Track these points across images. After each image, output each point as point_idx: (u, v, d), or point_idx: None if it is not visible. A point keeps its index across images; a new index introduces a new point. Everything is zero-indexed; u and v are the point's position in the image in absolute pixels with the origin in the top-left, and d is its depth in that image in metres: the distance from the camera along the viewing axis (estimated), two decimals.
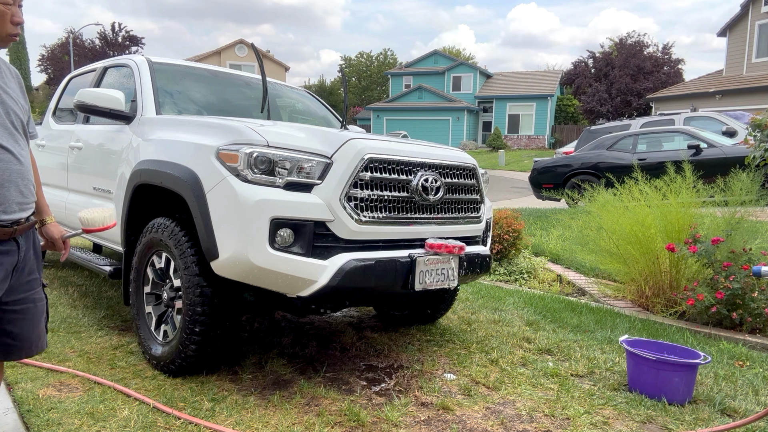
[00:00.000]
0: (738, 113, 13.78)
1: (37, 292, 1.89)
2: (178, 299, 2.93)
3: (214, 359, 2.95)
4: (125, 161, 3.39)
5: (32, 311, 1.87)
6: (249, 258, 2.53)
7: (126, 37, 45.36)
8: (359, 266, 2.64)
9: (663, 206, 4.82)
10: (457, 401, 2.78)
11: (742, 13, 22.86)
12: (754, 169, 5.81)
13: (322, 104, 5.05)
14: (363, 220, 2.70)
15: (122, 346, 3.37)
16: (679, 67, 36.26)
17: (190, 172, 2.76)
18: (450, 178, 3.14)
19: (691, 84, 25.49)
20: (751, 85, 21.04)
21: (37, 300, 1.89)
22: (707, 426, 2.63)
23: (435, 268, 2.92)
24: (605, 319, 4.36)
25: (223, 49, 45.25)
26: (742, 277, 4.01)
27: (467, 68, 41.05)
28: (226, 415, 2.53)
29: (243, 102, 4.21)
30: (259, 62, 3.76)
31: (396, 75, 43.96)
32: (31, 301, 1.86)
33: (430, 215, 3.01)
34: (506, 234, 6.02)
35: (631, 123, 13.33)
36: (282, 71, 46.80)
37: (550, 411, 2.71)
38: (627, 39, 37.29)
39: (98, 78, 4.36)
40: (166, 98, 3.73)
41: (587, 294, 5.43)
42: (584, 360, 3.44)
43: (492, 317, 4.31)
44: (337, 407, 2.65)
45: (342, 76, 4.44)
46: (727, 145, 9.41)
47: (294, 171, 2.64)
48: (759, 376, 3.27)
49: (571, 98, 40.52)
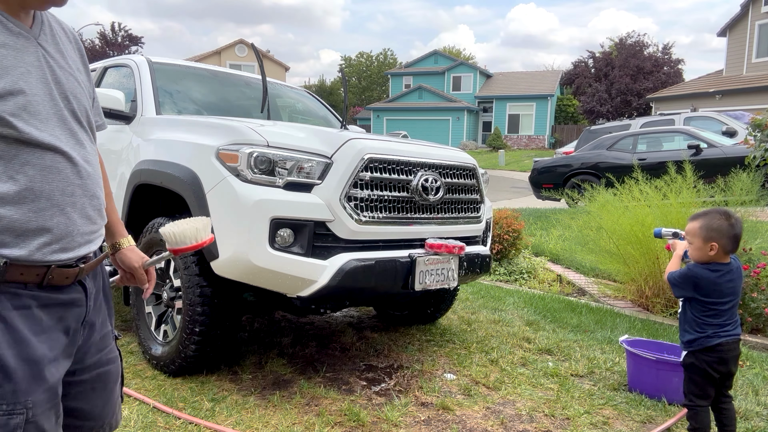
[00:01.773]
0: (738, 113, 13.77)
1: (111, 350, 1.38)
2: (178, 299, 2.93)
3: (214, 359, 2.95)
4: (125, 161, 3.39)
5: (105, 378, 1.35)
6: (249, 258, 2.53)
7: (126, 37, 45.38)
8: (359, 266, 2.64)
9: (663, 206, 4.81)
10: (457, 401, 2.78)
11: (742, 13, 22.85)
12: (754, 169, 5.82)
13: (322, 104, 5.05)
14: (363, 220, 2.70)
15: (122, 346, 3.37)
16: (679, 67, 36.24)
17: (190, 172, 2.76)
18: (450, 178, 3.13)
19: (691, 84, 25.49)
20: (751, 85, 21.03)
21: (112, 361, 1.38)
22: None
23: (435, 268, 2.92)
24: (605, 319, 4.36)
25: (223, 49, 45.23)
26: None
27: (467, 68, 41.03)
28: (226, 415, 2.53)
29: (243, 102, 4.21)
30: (259, 62, 3.76)
31: (396, 75, 43.94)
32: (105, 364, 1.35)
33: (430, 215, 3.01)
34: (506, 234, 6.02)
35: (631, 123, 13.33)
36: (282, 71, 46.79)
37: (550, 411, 2.71)
38: (627, 39, 37.28)
39: (98, 78, 4.36)
40: (166, 98, 3.73)
41: (587, 294, 5.43)
42: (584, 360, 3.44)
43: (492, 317, 4.31)
44: (337, 407, 2.65)
45: (342, 76, 4.44)
46: (727, 145, 9.41)
47: (294, 171, 2.64)
48: (759, 376, 3.27)
49: (571, 98, 40.51)
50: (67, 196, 1.16)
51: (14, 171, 1.09)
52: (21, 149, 1.10)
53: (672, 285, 2.39)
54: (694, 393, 2.34)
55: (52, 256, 1.15)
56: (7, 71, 1.08)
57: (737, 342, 2.34)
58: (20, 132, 1.09)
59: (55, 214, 1.15)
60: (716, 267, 2.31)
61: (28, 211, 1.10)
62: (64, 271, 1.17)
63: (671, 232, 2.60)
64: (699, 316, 2.32)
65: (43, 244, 1.13)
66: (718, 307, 2.30)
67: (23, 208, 1.10)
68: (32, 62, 1.13)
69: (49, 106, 1.15)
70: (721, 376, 2.31)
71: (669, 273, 2.41)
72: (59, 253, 1.16)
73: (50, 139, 1.14)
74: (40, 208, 1.12)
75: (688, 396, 2.35)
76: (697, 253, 2.34)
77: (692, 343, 2.33)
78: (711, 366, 2.29)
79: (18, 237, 1.10)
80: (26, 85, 1.11)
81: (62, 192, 1.16)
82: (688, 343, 2.35)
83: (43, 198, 1.12)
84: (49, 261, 1.14)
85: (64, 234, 1.17)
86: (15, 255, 1.09)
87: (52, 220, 1.14)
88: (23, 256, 1.10)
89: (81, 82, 1.26)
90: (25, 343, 1.10)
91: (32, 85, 1.12)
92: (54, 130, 1.15)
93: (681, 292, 2.37)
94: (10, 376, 1.07)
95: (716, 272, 2.30)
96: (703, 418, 2.31)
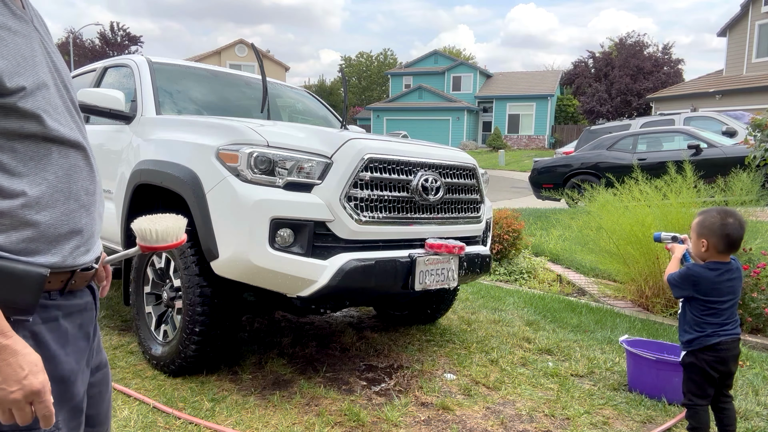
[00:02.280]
0: (738, 113, 13.77)
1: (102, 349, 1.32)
2: (178, 299, 2.93)
3: (214, 359, 2.94)
4: (125, 161, 3.39)
5: (107, 380, 1.31)
6: (249, 258, 2.53)
7: (125, 37, 45.37)
8: (359, 266, 2.64)
9: (663, 206, 4.81)
10: (457, 401, 2.78)
11: (742, 13, 22.85)
12: (754, 169, 5.82)
13: (322, 104, 5.05)
14: (363, 220, 2.70)
15: (122, 346, 3.37)
16: (679, 67, 36.25)
17: (190, 172, 2.76)
18: (450, 178, 3.13)
19: (691, 84, 25.48)
20: (751, 85, 21.03)
21: (106, 361, 1.32)
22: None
23: (435, 268, 2.92)
24: (605, 319, 4.36)
25: (223, 49, 45.23)
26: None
27: (467, 68, 41.03)
28: (226, 415, 2.53)
29: (243, 102, 4.21)
30: (259, 62, 3.76)
31: (396, 75, 43.94)
32: (104, 366, 1.30)
33: (430, 215, 3.01)
34: (506, 234, 6.02)
35: (631, 123, 13.31)
36: (282, 71, 46.79)
37: (550, 411, 2.71)
38: (627, 39, 37.29)
39: (98, 78, 4.36)
40: (166, 98, 3.73)
41: (587, 294, 5.43)
42: (584, 360, 3.43)
43: (492, 317, 4.31)
44: (337, 407, 2.65)
45: (342, 76, 4.44)
46: (727, 145, 9.41)
47: (294, 171, 2.64)
48: (759, 376, 3.27)
49: (571, 98, 40.51)
50: (90, 195, 1.11)
51: (46, 172, 1.02)
52: (50, 148, 1.03)
53: (672, 286, 2.40)
54: (693, 392, 2.34)
55: (80, 258, 1.09)
56: (30, 62, 1.00)
57: (737, 341, 2.35)
58: (49, 129, 1.01)
59: (83, 215, 1.09)
60: (714, 266, 2.32)
61: (60, 215, 1.04)
62: (84, 275, 1.11)
63: (670, 236, 2.62)
64: (698, 315, 2.32)
65: (75, 247, 1.07)
66: (717, 306, 2.31)
67: (56, 212, 1.03)
68: (39, 50, 1.04)
69: (58, 97, 1.06)
70: (720, 375, 2.32)
71: (669, 274, 2.42)
72: (84, 256, 1.10)
73: (72, 135, 1.06)
74: (70, 210, 1.06)
75: (688, 395, 2.36)
76: (693, 249, 2.42)
77: (692, 342, 2.34)
78: (710, 365, 2.29)
79: (51, 243, 1.03)
80: (45, 77, 1.03)
81: (86, 191, 1.10)
82: (688, 343, 2.36)
83: (72, 199, 1.06)
84: (77, 264, 1.07)
85: (90, 235, 1.12)
86: (51, 262, 1.02)
87: (81, 222, 1.08)
88: (58, 262, 1.03)
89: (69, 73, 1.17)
90: (55, 360, 1.03)
91: (47, 76, 1.04)
92: (70, 124, 1.07)
93: (681, 292, 2.37)
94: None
95: (714, 271, 2.31)
96: (702, 417, 2.32)
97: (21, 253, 0.98)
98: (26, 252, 0.99)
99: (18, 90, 0.96)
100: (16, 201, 0.98)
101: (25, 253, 0.99)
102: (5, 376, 0.91)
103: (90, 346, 1.16)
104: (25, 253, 0.99)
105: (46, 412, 0.95)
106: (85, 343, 1.13)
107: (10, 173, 0.98)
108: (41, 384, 0.93)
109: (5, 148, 0.97)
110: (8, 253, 0.97)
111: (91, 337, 1.17)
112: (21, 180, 0.99)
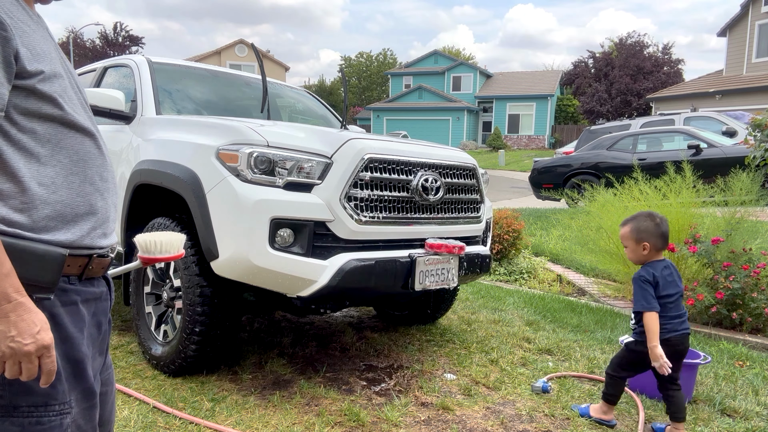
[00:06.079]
0: (738, 113, 13.77)
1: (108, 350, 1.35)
2: (178, 299, 2.93)
3: (214, 359, 2.95)
4: (125, 161, 3.39)
5: (111, 380, 1.33)
6: (249, 258, 2.53)
7: (126, 37, 45.38)
8: (359, 266, 2.64)
9: (663, 206, 4.81)
10: (457, 401, 2.78)
11: (742, 13, 22.85)
12: (754, 169, 5.82)
13: (321, 104, 5.05)
14: (363, 220, 2.70)
15: (122, 346, 3.37)
16: (679, 67, 36.27)
17: (190, 172, 2.76)
18: (450, 178, 3.13)
19: (691, 84, 25.48)
20: (751, 85, 21.03)
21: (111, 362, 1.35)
22: (707, 426, 2.63)
23: (435, 268, 2.92)
24: (605, 319, 4.36)
25: (223, 49, 45.24)
26: (742, 277, 4.00)
27: (467, 68, 41.03)
28: (226, 415, 2.53)
29: (243, 102, 4.21)
30: (259, 62, 3.76)
31: (396, 75, 43.93)
32: (109, 366, 1.32)
33: (430, 215, 3.01)
34: (506, 234, 6.02)
35: (631, 123, 13.31)
36: (282, 71, 46.80)
37: (550, 411, 2.71)
38: (627, 39, 37.31)
39: (98, 78, 4.36)
40: (166, 98, 3.73)
41: (587, 294, 5.43)
42: (584, 360, 3.44)
43: (492, 317, 4.31)
44: (337, 407, 2.65)
45: (342, 76, 4.44)
46: (727, 145, 9.41)
47: (294, 171, 2.64)
48: (759, 376, 3.27)
49: (571, 98, 40.51)
50: (104, 181, 1.18)
51: (62, 155, 1.09)
52: (66, 133, 1.10)
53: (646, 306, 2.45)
54: (624, 368, 2.58)
55: (97, 240, 1.15)
56: (48, 56, 1.09)
57: (686, 337, 2.53)
58: (65, 113, 1.09)
59: (98, 198, 1.16)
60: (654, 264, 2.54)
61: (77, 196, 1.11)
62: (100, 261, 1.17)
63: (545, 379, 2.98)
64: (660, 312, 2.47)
65: (91, 228, 1.13)
66: (668, 300, 2.49)
67: (72, 192, 1.10)
68: (55, 52, 1.14)
69: (72, 91, 1.15)
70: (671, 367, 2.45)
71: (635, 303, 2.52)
72: (101, 239, 1.16)
73: (86, 123, 1.15)
74: (86, 192, 1.13)
75: (617, 368, 2.59)
76: (632, 255, 2.62)
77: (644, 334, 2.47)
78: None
79: (68, 222, 1.09)
80: (60, 70, 1.12)
81: (101, 177, 1.17)
82: (641, 334, 2.49)
83: (87, 182, 1.14)
84: (94, 246, 1.14)
85: (105, 218, 1.18)
86: (69, 240, 1.08)
87: (97, 204, 1.15)
88: (76, 240, 1.10)
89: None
90: (71, 341, 1.10)
91: (62, 72, 1.13)
92: (83, 115, 1.16)
93: (653, 301, 2.46)
94: (60, 376, 1.08)
95: (658, 268, 2.51)
96: (620, 387, 2.59)
97: (41, 231, 1.05)
98: (45, 230, 1.06)
99: (37, 73, 1.04)
100: (34, 181, 1.05)
101: (44, 231, 1.06)
102: (20, 330, 0.98)
103: (101, 335, 1.22)
104: (45, 230, 1.06)
105: (51, 367, 1.02)
106: (96, 332, 1.19)
107: (29, 154, 1.05)
108: (51, 339, 1.01)
109: (26, 129, 1.05)
110: (28, 231, 1.04)
111: (104, 327, 1.23)
112: (39, 161, 1.06)
